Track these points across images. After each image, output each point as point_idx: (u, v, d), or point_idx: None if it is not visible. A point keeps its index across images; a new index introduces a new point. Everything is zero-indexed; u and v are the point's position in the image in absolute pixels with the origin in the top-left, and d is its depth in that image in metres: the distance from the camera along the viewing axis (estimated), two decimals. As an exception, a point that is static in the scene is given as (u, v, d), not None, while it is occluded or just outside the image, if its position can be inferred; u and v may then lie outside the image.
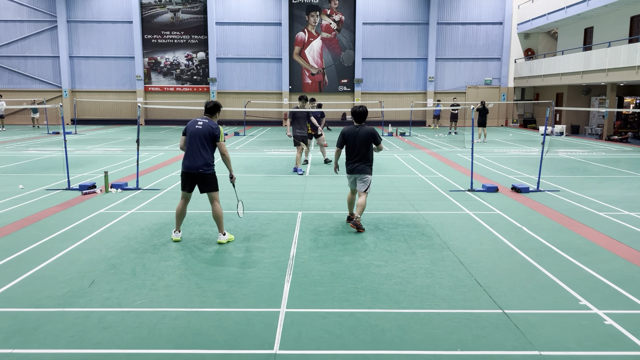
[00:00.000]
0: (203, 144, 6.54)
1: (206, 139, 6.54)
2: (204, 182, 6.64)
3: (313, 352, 3.96)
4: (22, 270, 5.70)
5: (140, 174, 11.35)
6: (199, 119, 6.65)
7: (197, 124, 6.60)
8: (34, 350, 3.97)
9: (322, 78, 33.05)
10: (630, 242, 6.92)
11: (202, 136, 6.53)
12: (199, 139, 6.53)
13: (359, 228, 7.31)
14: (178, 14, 32.54)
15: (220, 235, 6.80)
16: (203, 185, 6.67)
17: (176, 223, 6.91)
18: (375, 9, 32.27)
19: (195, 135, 6.54)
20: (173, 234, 6.90)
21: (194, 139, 6.55)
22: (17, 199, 9.52)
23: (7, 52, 32.56)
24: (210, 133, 6.55)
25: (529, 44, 32.39)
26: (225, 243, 6.76)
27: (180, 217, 6.87)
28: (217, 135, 6.59)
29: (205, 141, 6.54)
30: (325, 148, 14.51)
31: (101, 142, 21.18)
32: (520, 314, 4.63)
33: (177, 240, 6.84)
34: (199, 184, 6.66)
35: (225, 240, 6.77)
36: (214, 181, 6.70)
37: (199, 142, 6.53)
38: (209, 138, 6.56)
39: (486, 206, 9.13)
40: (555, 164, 14.85)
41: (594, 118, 27.45)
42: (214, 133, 6.56)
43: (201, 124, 6.59)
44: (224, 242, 6.76)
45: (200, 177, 6.60)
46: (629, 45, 20.99)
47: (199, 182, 6.65)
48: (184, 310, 4.70)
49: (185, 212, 6.88)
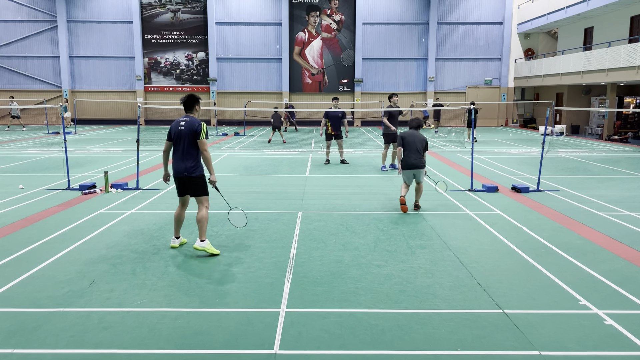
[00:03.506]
0: (189, 144, 6.18)
1: (191, 139, 6.17)
2: (191, 185, 6.30)
3: (313, 352, 3.96)
4: (22, 270, 5.70)
5: (140, 174, 11.35)
6: (181, 119, 6.28)
7: (179, 125, 6.23)
8: (34, 350, 3.97)
9: (322, 78, 33.05)
10: (630, 242, 6.91)
11: (185, 136, 6.17)
12: (184, 139, 6.17)
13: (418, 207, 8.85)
14: (178, 14, 32.54)
15: (198, 240, 6.30)
16: (191, 189, 6.34)
17: (174, 228, 6.61)
18: (375, 9, 32.27)
19: (179, 137, 6.20)
20: (172, 241, 6.63)
21: (178, 140, 6.22)
22: (17, 199, 9.52)
23: (7, 52, 32.55)
24: (192, 131, 6.16)
25: (529, 44, 32.38)
26: (201, 251, 6.27)
27: (178, 223, 6.57)
28: (198, 132, 6.16)
29: (191, 141, 6.18)
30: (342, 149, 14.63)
31: (101, 142, 21.18)
32: (520, 314, 4.63)
33: (174, 247, 6.57)
34: (188, 187, 6.34)
35: (201, 247, 6.24)
36: (202, 184, 6.33)
37: (184, 143, 6.18)
38: (193, 137, 6.18)
39: (486, 206, 9.13)
40: (555, 164, 14.85)
41: (594, 118, 27.45)
42: (195, 130, 6.16)
43: (183, 123, 6.22)
44: (200, 249, 6.25)
45: (187, 180, 6.27)
46: (629, 45, 20.99)
47: (187, 185, 6.32)
48: (184, 310, 4.70)
49: (183, 217, 6.58)
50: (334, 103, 14.27)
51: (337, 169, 13.58)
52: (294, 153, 17.32)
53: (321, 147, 17.67)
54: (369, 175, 12.64)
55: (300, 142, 21.36)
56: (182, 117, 6.30)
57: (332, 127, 13.87)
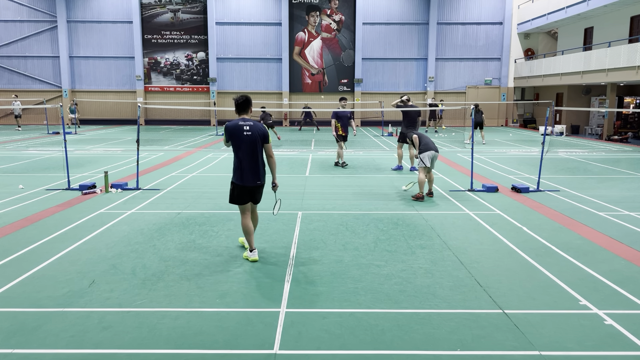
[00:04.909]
0: (260, 150, 5.83)
1: (259, 144, 5.81)
2: (258, 193, 6.03)
3: (313, 352, 3.96)
4: (22, 270, 5.70)
5: (140, 174, 11.35)
6: (241, 123, 5.80)
7: (244, 130, 5.75)
8: (34, 350, 3.97)
9: (322, 78, 33.04)
10: (630, 242, 6.92)
11: (255, 142, 5.76)
12: (253, 145, 5.77)
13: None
14: (178, 14, 32.54)
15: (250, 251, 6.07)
16: (256, 197, 6.05)
17: (248, 241, 6.06)
18: (375, 9, 32.27)
19: (246, 143, 5.76)
20: (249, 254, 6.04)
21: (245, 146, 5.76)
22: (17, 199, 9.52)
23: (7, 52, 32.55)
24: (262, 136, 5.79)
25: (529, 44, 32.38)
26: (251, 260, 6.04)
27: (250, 233, 6.05)
28: (267, 136, 5.84)
29: (259, 147, 5.82)
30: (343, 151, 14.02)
31: (101, 142, 21.18)
32: (520, 314, 4.63)
33: (255, 260, 6.00)
34: (254, 195, 6.02)
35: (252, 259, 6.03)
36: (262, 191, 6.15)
37: (254, 150, 5.78)
38: (261, 142, 5.81)
39: (486, 206, 9.13)
40: (555, 164, 14.85)
41: (594, 118, 27.45)
42: (264, 135, 5.82)
43: (247, 128, 5.76)
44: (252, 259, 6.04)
45: (258, 189, 5.99)
46: (629, 45, 20.99)
47: (254, 193, 6.00)
48: (184, 310, 4.70)
49: (252, 225, 6.11)
50: (342, 103, 13.74)
51: (337, 169, 13.58)
52: (294, 153, 17.31)
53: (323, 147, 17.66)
54: (369, 175, 12.64)
55: (301, 142, 21.36)
56: (240, 121, 5.84)
57: (342, 127, 13.52)
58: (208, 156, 16.34)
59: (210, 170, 13.48)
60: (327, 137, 23.78)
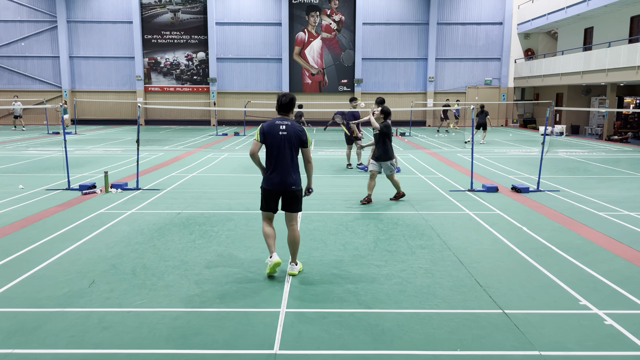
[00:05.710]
0: (292, 153, 5.41)
1: (295, 146, 5.42)
2: (292, 199, 5.54)
3: (313, 352, 3.96)
4: (22, 270, 5.70)
5: (140, 174, 11.35)
6: (278, 122, 5.40)
7: (280, 130, 5.36)
8: (34, 350, 3.96)
9: (322, 78, 33.05)
10: (630, 242, 6.91)
11: (291, 143, 5.37)
12: (288, 147, 5.37)
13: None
14: (178, 14, 32.55)
15: (293, 265, 5.65)
16: (291, 204, 5.56)
17: (269, 246, 5.61)
18: (375, 9, 32.28)
19: (280, 144, 5.36)
20: (268, 260, 5.56)
21: (278, 147, 5.36)
22: (17, 199, 9.52)
23: (7, 52, 32.56)
24: (298, 138, 5.40)
25: (529, 44, 32.39)
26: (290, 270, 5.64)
27: (272, 238, 5.61)
28: (304, 140, 5.44)
29: (295, 149, 5.43)
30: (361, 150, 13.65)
31: (101, 142, 21.18)
32: (520, 314, 4.63)
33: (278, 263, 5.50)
34: (285, 202, 5.58)
35: (297, 272, 5.65)
36: (301, 198, 5.63)
37: (289, 151, 5.39)
38: (297, 144, 5.43)
39: (486, 206, 9.13)
40: (555, 164, 14.85)
41: (594, 118, 27.46)
42: (301, 137, 5.42)
43: (284, 127, 5.37)
44: (297, 273, 5.63)
45: (290, 195, 5.51)
46: (629, 46, 20.99)
47: (286, 200, 5.56)
48: (184, 310, 4.70)
49: (274, 232, 5.68)
50: (353, 104, 13.27)
51: (337, 169, 13.58)
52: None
53: (323, 147, 17.66)
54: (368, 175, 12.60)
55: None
56: (278, 120, 5.44)
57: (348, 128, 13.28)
58: (208, 156, 16.34)
59: (211, 170, 13.48)
60: (327, 137, 23.79)
